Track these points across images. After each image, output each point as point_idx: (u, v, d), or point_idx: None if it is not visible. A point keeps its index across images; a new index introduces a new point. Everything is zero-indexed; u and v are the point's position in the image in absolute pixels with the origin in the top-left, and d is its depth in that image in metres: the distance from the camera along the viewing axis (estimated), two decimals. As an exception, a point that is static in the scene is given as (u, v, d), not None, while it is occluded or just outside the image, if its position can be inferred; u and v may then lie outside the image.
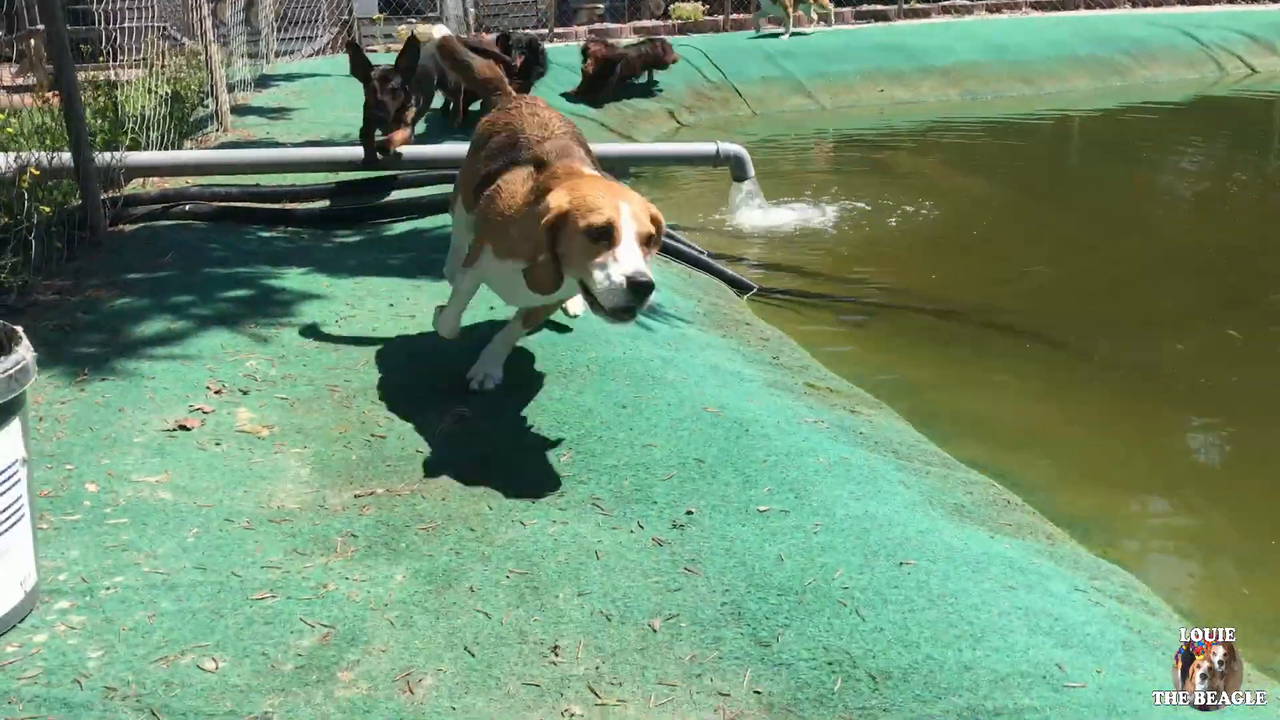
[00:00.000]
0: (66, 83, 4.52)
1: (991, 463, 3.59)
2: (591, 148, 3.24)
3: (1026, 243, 6.70)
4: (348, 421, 3.03)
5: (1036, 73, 12.85)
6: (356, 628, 2.08)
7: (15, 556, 2.00)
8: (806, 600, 2.17)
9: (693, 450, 2.80)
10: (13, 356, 1.94)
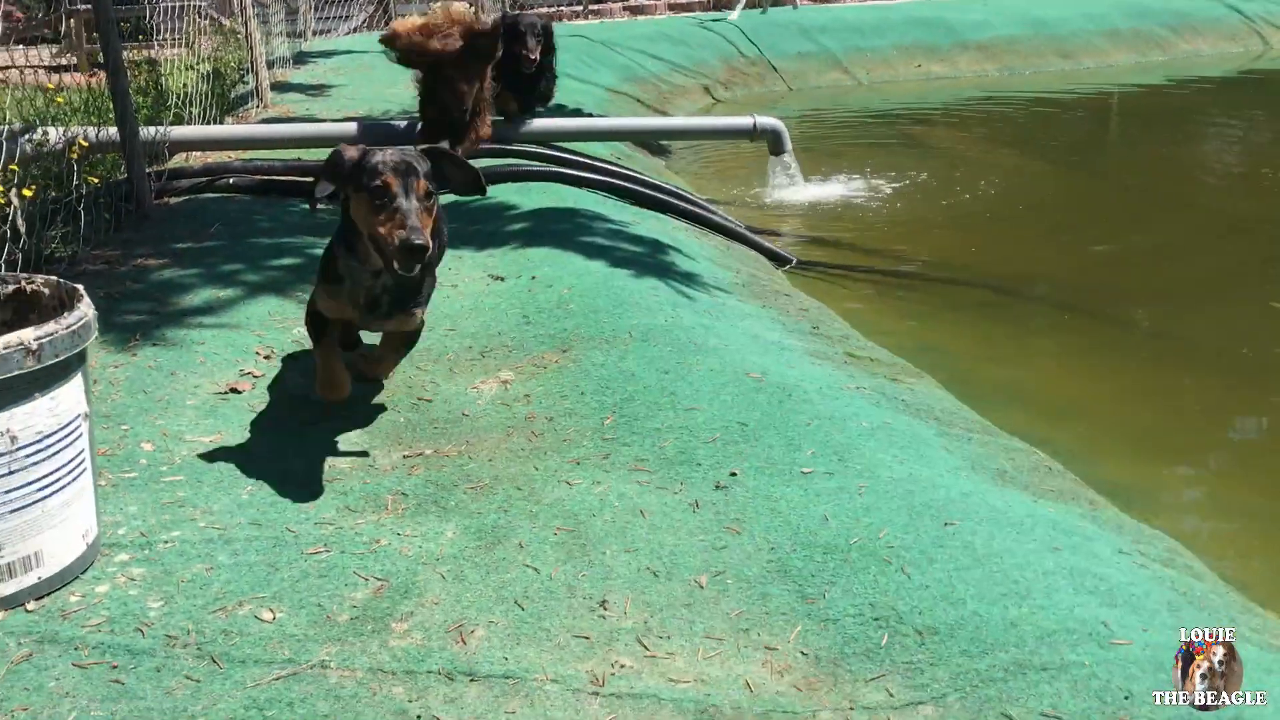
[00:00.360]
0: (112, 59, 4.58)
1: (1032, 431, 3.58)
2: (628, 122, 3.25)
3: (1065, 215, 6.65)
4: (394, 386, 3.07)
5: (1075, 47, 12.70)
6: (409, 581, 2.12)
7: (78, 509, 2.05)
8: (852, 559, 2.19)
9: (735, 414, 2.82)
10: (75, 313, 1.99)
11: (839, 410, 2.90)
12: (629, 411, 2.87)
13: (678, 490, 2.49)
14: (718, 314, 3.79)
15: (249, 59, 7.63)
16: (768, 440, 2.68)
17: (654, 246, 4.58)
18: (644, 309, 3.58)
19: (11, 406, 1.88)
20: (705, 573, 2.17)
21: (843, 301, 4.91)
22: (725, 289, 4.30)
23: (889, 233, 6.13)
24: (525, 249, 4.33)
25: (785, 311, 4.26)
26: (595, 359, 3.20)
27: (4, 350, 1.83)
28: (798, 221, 6.41)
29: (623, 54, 11.00)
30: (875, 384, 3.39)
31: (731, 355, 3.24)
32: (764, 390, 2.96)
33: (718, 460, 2.60)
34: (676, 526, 2.33)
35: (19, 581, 1.96)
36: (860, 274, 5.41)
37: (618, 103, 9.23)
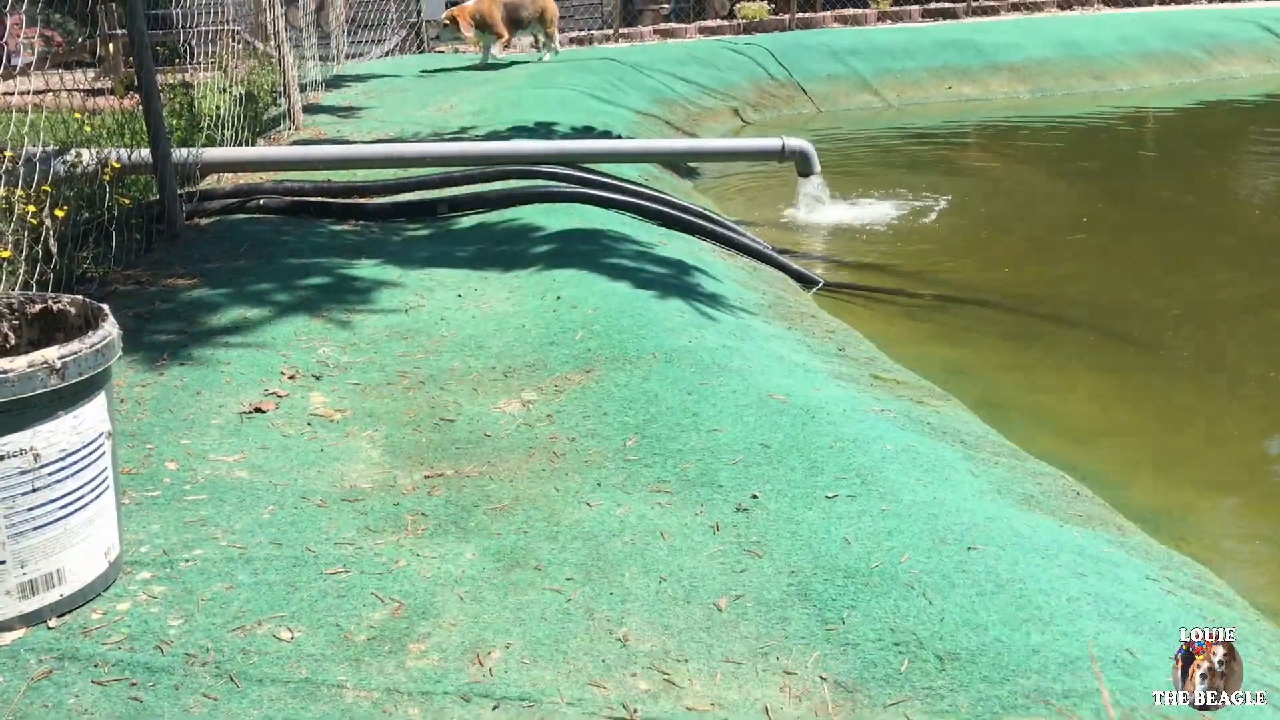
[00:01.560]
0: (145, 82, 4.64)
1: (1060, 455, 3.55)
2: (657, 144, 3.27)
3: (1098, 237, 6.59)
4: (417, 406, 3.08)
5: (1108, 69, 12.63)
6: (427, 602, 2.12)
7: (100, 527, 2.06)
8: (873, 583, 2.17)
9: (758, 436, 2.80)
10: (99, 332, 2.00)
11: (863, 433, 2.88)
12: (651, 432, 2.86)
13: (698, 512, 2.48)
14: (743, 335, 3.78)
15: (282, 82, 7.72)
16: (790, 462, 2.67)
17: (679, 267, 4.58)
18: (668, 330, 3.58)
19: (35, 424, 1.89)
20: (725, 595, 2.15)
21: (870, 323, 4.89)
22: (751, 310, 4.29)
23: (918, 254, 6.10)
24: (550, 270, 4.34)
25: (811, 333, 4.24)
26: (618, 379, 3.19)
27: (29, 368, 1.85)
28: (826, 243, 6.39)
29: (652, 76, 11.05)
30: (901, 406, 3.37)
31: (756, 376, 3.23)
32: (787, 412, 2.94)
33: (740, 482, 2.59)
34: (697, 549, 2.32)
35: (41, 598, 1.97)
36: (888, 296, 5.38)
37: (646, 125, 9.26)
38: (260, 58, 9.02)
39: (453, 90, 9.38)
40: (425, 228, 5.14)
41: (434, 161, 5.85)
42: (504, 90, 9.35)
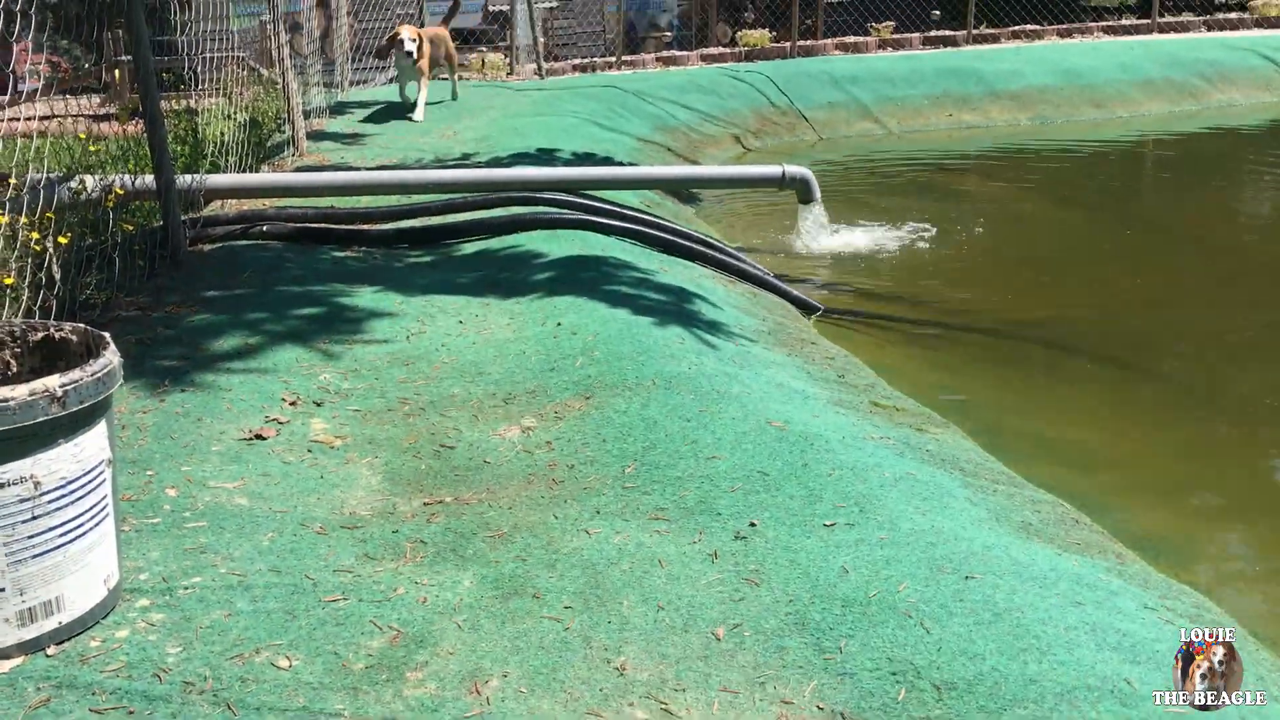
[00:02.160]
0: (150, 109, 4.67)
1: (1059, 482, 3.55)
2: (657, 171, 3.31)
3: (1098, 265, 6.61)
4: (417, 432, 3.09)
5: (1108, 96, 12.68)
6: (425, 630, 2.12)
7: (99, 555, 2.07)
8: (871, 612, 2.17)
9: (757, 463, 2.81)
10: (100, 360, 2.02)
11: (862, 460, 2.89)
12: (650, 460, 2.87)
13: (696, 540, 2.48)
14: (742, 362, 3.79)
15: (286, 108, 7.77)
16: (789, 490, 2.67)
17: (680, 294, 4.60)
18: (668, 356, 3.59)
19: (36, 452, 1.91)
20: (723, 624, 2.16)
21: (870, 350, 4.90)
22: (750, 337, 4.30)
23: (918, 281, 6.12)
24: (552, 296, 4.36)
25: (811, 360, 4.26)
26: (618, 406, 3.20)
27: (30, 397, 1.86)
28: (826, 270, 6.41)
29: (654, 104, 11.11)
30: (900, 434, 3.38)
31: (755, 403, 3.24)
32: (786, 439, 2.95)
33: (738, 510, 2.59)
34: (695, 577, 2.32)
35: (39, 626, 1.98)
36: (888, 322, 5.39)
37: (648, 152, 9.30)
38: (265, 84, 9.09)
39: (455, 117, 9.43)
40: (428, 254, 5.16)
41: (437, 188, 5.88)
42: (506, 117, 9.40)
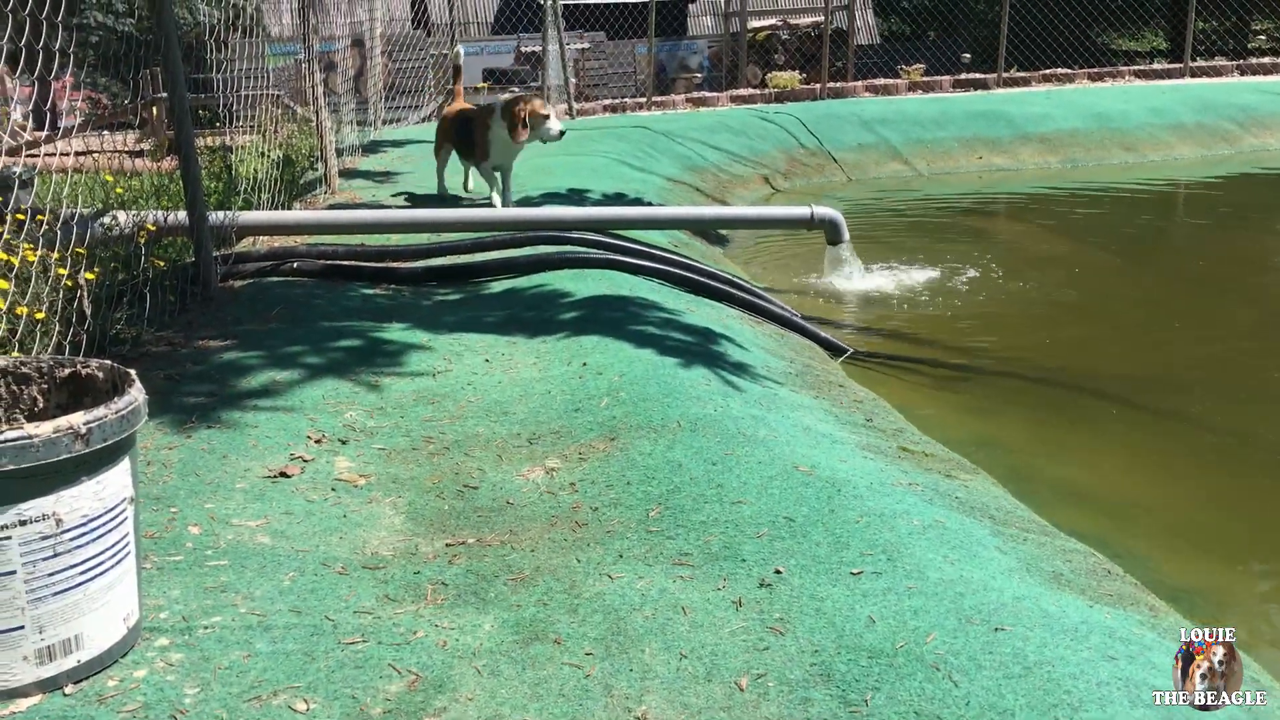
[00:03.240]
0: (184, 145, 4.73)
1: (1091, 531, 3.49)
2: (686, 211, 3.30)
3: (1130, 309, 6.55)
4: (441, 472, 3.08)
5: (1140, 140, 12.64)
6: (444, 675, 2.09)
7: (120, 593, 2.06)
8: (898, 663, 2.13)
9: (783, 509, 2.77)
10: (125, 398, 2.02)
11: (890, 507, 2.85)
12: (675, 503, 2.84)
13: (720, 587, 2.45)
14: (769, 404, 3.77)
15: (319, 146, 7.85)
16: (815, 537, 2.64)
17: (706, 335, 4.58)
18: (694, 398, 3.57)
19: (59, 489, 1.90)
20: (746, 674, 2.12)
21: (898, 393, 4.86)
22: (777, 379, 4.27)
23: (948, 324, 6.08)
24: (578, 336, 4.35)
25: (839, 403, 4.22)
26: (643, 448, 3.18)
27: (54, 434, 1.86)
28: (854, 311, 6.38)
29: (683, 144, 11.16)
30: (929, 480, 3.33)
31: (781, 447, 3.21)
32: (813, 485, 2.92)
33: (763, 557, 2.56)
34: (718, 625, 2.29)
35: (58, 664, 1.97)
36: (917, 366, 5.35)
37: (677, 192, 9.34)
38: (299, 122, 9.20)
39: (486, 156, 9.50)
40: (456, 292, 5.17)
41: (466, 227, 5.92)
42: (536, 157, 9.45)
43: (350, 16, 11.17)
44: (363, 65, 11.57)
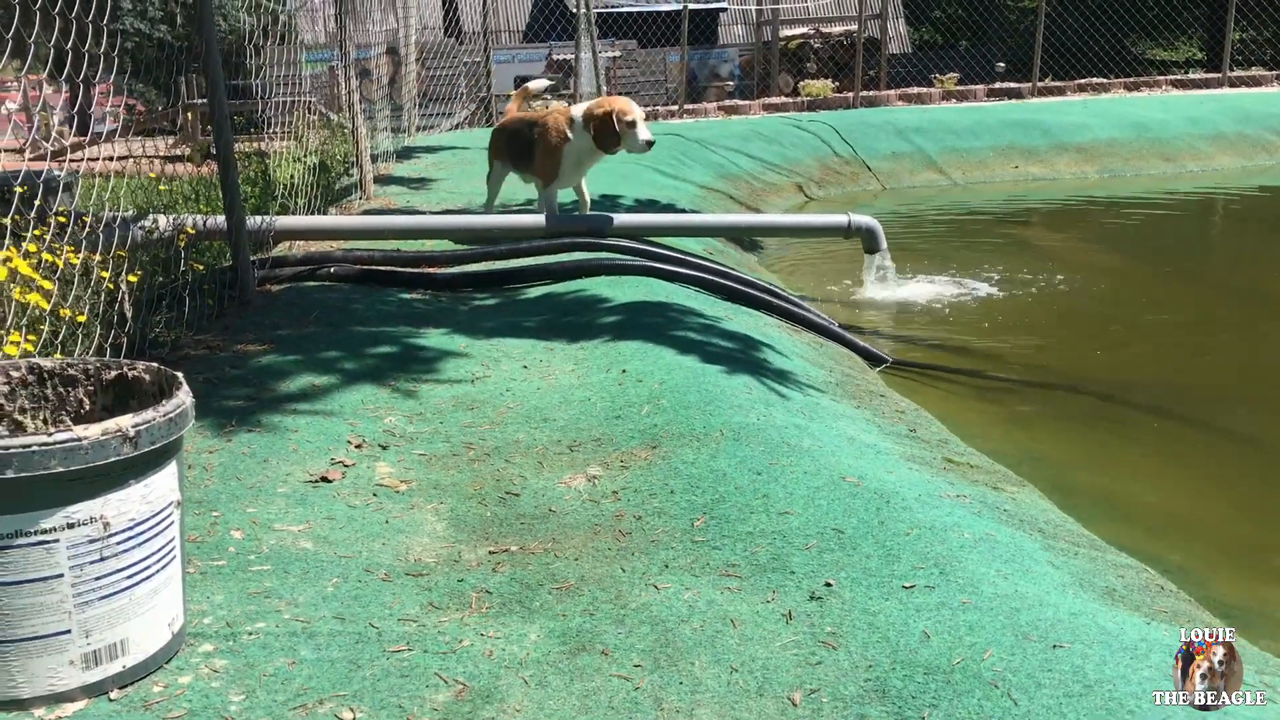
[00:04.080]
0: (223, 151, 4.73)
1: (1140, 546, 3.42)
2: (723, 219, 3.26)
3: (1171, 319, 6.46)
4: (482, 479, 3.05)
5: (1179, 150, 12.51)
6: (491, 685, 2.06)
7: (165, 598, 2.04)
8: (955, 680, 2.07)
9: (831, 520, 2.72)
10: (173, 400, 2.00)
11: (939, 519, 2.79)
12: (720, 513, 2.80)
13: (770, 599, 2.40)
14: (811, 414, 3.72)
15: (354, 152, 7.86)
16: (865, 549, 2.58)
17: (746, 343, 4.54)
18: (736, 407, 3.52)
19: (106, 492, 1.88)
20: (799, 689, 2.07)
21: (939, 404, 4.79)
22: (819, 388, 4.22)
23: (987, 334, 6.01)
24: (616, 342, 4.32)
25: (880, 413, 4.16)
26: (685, 457, 3.14)
27: (102, 437, 1.84)
28: (892, 320, 6.32)
29: (717, 152, 11.12)
30: (976, 492, 3.27)
31: (826, 457, 3.16)
32: (861, 496, 2.86)
33: (812, 569, 2.51)
34: (769, 638, 2.24)
35: (104, 669, 1.94)
36: (957, 376, 5.29)
37: (710, 199, 9.30)
38: (334, 129, 9.23)
39: (520, 162, 9.50)
40: (492, 297, 5.15)
41: (502, 233, 5.90)
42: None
43: (384, 24, 11.21)
44: (396, 72, 11.61)
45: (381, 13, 11.09)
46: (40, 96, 11.15)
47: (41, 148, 11.32)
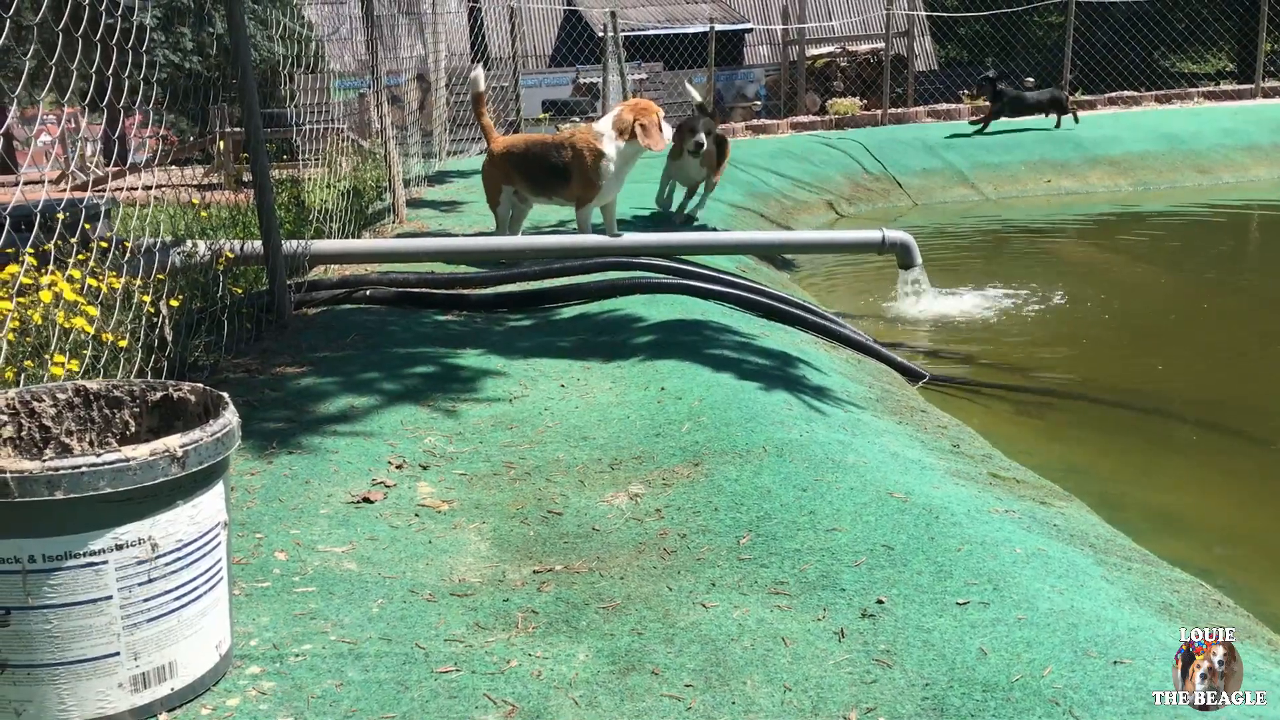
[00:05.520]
0: (259, 176, 4.76)
1: (1192, 561, 3.36)
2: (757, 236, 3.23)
3: (1207, 333, 6.37)
4: (524, 498, 3.03)
5: (1213, 162, 12.39)
6: (541, 706, 2.03)
7: (213, 619, 2.02)
8: (1015, 698, 2.02)
9: (880, 536, 2.68)
10: (220, 420, 1.99)
11: (990, 535, 2.74)
12: (766, 530, 2.76)
13: (820, 617, 2.36)
14: (854, 430, 3.67)
15: (386, 177, 7.91)
16: (916, 565, 2.54)
17: (783, 359, 4.50)
18: (777, 423, 3.49)
19: (155, 514, 1.87)
20: (855, 708, 2.03)
21: (980, 419, 4.74)
22: (859, 404, 4.18)
23: (1024, 349, 5.95)
24: (653, 360, 4.29)
25: (923, 428, 4.11)
26: (728, 474, 3.10)
27: (150, 457, 1.83)
28: (929, 336, 6.27)
29: (746, 171, 11.11)
30: (1024, 507, 3.22)
31: (872, 473, 3.11)
32: (909, 511, 2.82)
33: (863, 586, 2.47)
34: (822, 657, 2.20)
35: (153, 692, 1.93)
36: (996, 391, 5.23)
37: (741, 218, 9.28)
38: (365, 155, 9.29)
39: (550, 184, 9.51)
40: (527, 318, 5.15)
41: (534, 254, 5.90)
42: (600, 184, 9.46)
43: (413, 51, 11.30)
44: (425, 98, 11.69)
45: (410, 40, 11.18)
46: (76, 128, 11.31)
47: (78, 178, 11.47)
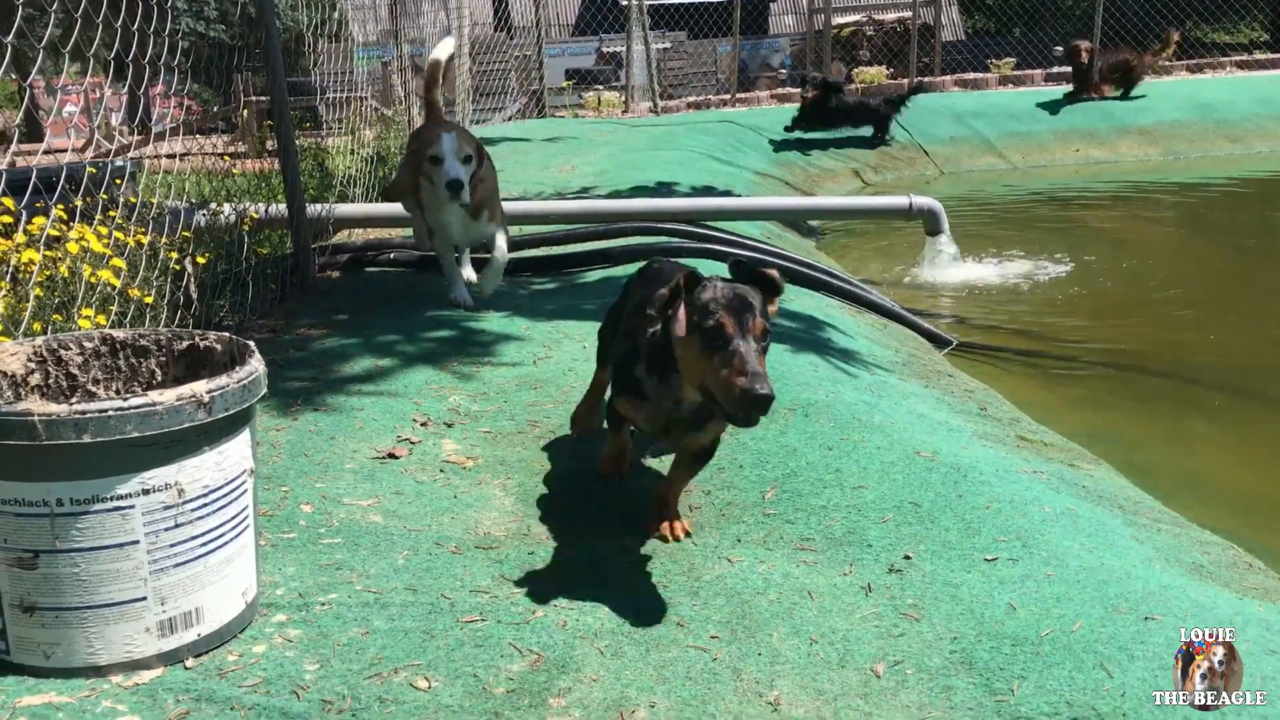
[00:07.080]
0: (284, 140, 4.75)
1: (1220, 524, 3.32)
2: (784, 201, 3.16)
3: (1237, 300, 6.29)
4: (548, 455, 3.02)
5: (1245, 131, 12.21)
6: (566, 655, 2.02)
7: (238, 567, 2.02)
8: (1044, 651, 2.00)
9: (907, 494, 2.66)
10: (246, 367, 1.98)
11: (1018, 494, 2.71)
12: (791, 488, 2.74)
13: (847, 572, 2.34)
14: (880, 391, 3.64)
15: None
16: (944, 523, 2.52)
17: (809, 322, 4.47)
18: (803, 384, 3.46)
19: (181, 459, 1.87)
20: (882, 661, 2.01)
21: (1007, 384, 4.70)
22: (885, 367, 4.14)
23: (1051, 316, 5.89)
24: (678, 324, 4.26)
25: (949, 392, 4.08)
26: (754, 433, 3.07)
27: (177, 402, 1.83)
28: (956, 302, 6.22)
29: (771, 138, 11.02)
30: (1053, 469, 3.19)
31: (899, 433, 3.09)
32: (936, 470, 2.79)
33: (890, 542, 2.45)
34: (848, 610, 2.18)
35: (179, 637, 1.93)
36: (1023, 357, 5.18)
37: (766, 185, 9.21)
38: (387, 122, 9.27)
39: (574, 153, 9.48)
40: (551, 281, 5.13)
41: (558, 219, 5.87)
42: (624, 152, 9.41)
43: (436, 20, 11.25)
44: (448, 67, 11.64)
45: (433, 9, 11.13)
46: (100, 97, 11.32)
47: (103, 147, 11.50)
